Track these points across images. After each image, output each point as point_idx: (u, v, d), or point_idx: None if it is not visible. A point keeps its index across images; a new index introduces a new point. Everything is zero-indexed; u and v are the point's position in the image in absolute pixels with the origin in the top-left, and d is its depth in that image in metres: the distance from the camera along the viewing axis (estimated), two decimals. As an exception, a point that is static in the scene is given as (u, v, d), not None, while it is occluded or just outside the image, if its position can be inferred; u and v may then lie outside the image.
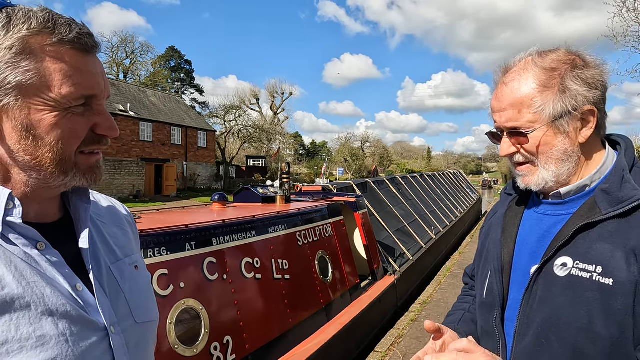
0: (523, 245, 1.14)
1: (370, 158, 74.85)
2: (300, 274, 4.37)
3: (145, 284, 0.99)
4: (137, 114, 31.16)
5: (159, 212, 4.66)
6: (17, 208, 0.77)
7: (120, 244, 0.97)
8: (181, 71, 62.54)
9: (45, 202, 0.85)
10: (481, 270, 1.26)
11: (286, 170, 5.94)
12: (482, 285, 1.23)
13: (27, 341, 0.71)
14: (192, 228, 3.25)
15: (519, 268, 1.13)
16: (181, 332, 2.84)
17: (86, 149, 0.83)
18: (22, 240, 0.77)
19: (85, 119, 0.81)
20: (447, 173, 19.70)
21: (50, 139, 0.77)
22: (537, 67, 1.06)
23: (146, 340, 0.94)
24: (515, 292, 1.12)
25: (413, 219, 10.02)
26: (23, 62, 0.74)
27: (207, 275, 3.19)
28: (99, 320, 0.81)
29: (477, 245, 1.40)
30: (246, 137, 47.22)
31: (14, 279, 0.73)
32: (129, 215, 1.09)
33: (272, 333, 3.67)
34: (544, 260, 1.04)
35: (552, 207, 1.12)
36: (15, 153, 0.77)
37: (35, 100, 0.75)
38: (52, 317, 0.74)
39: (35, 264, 0.76)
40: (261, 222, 4.05)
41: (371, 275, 6.12)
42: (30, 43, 0.75)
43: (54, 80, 0.76)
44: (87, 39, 0.80)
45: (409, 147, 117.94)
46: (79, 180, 0.83)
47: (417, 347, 5.08)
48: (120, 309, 0.87)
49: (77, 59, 0.78)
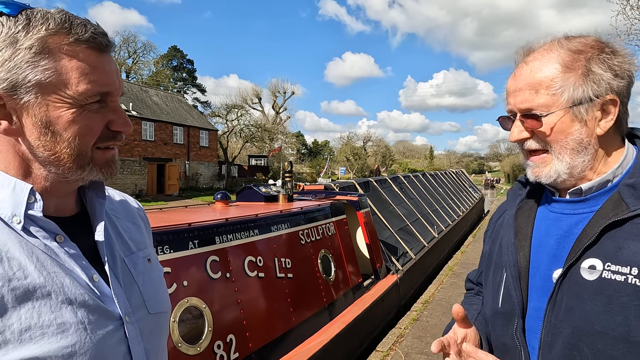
0: (540, 247, 1.05)
1: (373, 157, 74.78)
2: (303, 272, 4.37)
3: (157, 277, 1.03)
4: (140, 114, 31.20)
5: (162, 211, 4.66)
6: (38, 202, 0.81)
7: (133, 238, 1.01)
8: (183, 70, 62.62)
9: (63, 196, 0.89)
10: (492, 276, 1.16)
11: (289, 169, 5.94)
12: (495, 293, 1.12)
13: (49, 328, 0.74)
14: (195, 227, 3.25)
15: (537, 273, 1.03)
16: (184, 330, 2.84)
17: (102, 145, 0.86)
18: (43, 232, 0.81)
19: (101, 115, 0.84)
20: (450, 172, 19.67)
21: (68, 135, 0.81)
22: (563, 48, 0.99)
23: (159, 330, 0.98)
24: (536, 300, 1.02)
25: (415, 218, 10.01)
26: (42, 61, 0.77)
27: (210, 274, 3.20)
28: (115, 310, 0.85)
29: (483, 249, 1.28)
30: (248, 136, 47.23)
31: (35, 269, 0.76)
32: (141, 210, 1.13)
33: (275, 332, 3.67)
34: (568, 264, 0.94)
35: (570, 205, 1.03)
36: (35, 149, 0.81)
37: (54, 97, 0.79)
38: (71, 305, 0.78)
39: (54, 256, 0.80)
40: (264, 221, 4.05)
41: (374, 274, 6.12)
42: (49, 43, 0.78)
43: (71, 78, 0.79)
44: (102, 39, 0.83)
45: (411, 146, 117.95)
46: (95, 175, 0.86)
47: (418, 347, 5.08)
48: (134, 300, 0.91)
49: (93, 57, 0.82)
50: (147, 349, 0.90)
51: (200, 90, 64.26)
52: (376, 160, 72.24)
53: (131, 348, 0.86)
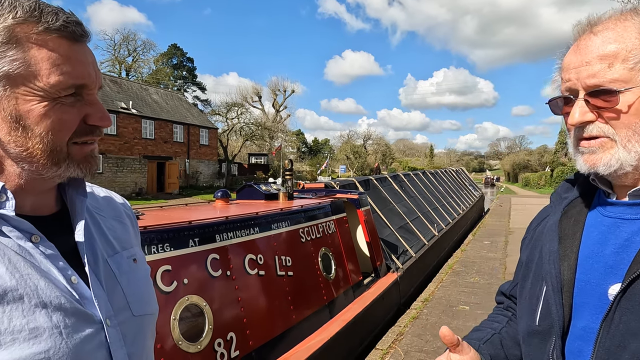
0: (592, 258, 0.90)
1: (373, 155, 74.80)
2: (304, 270, 4.37)
3: (143, 277, 0.99)
4: (140, 112, 31.18)
5: (162, 209, 4.66)
6: (10, 201, 0.77)
7: (118, 237, 0.97)
8: (183, 69, 62.56)
9: (40, 194, 0.85)
10: (529, 289, 1.02)
11: (289, 167, 5.93)
12: (532, 308, 0.98)
13: (20, 333, 0.70)
14: (195, 225, 3.25)
15: (587, 287, 0.89)
16: (185, 328, 2.84)
17: (79, 140, 0.82)
18: (16, 232, 0.76)
19: (76, 109, 0.80)
20: (450, 170, 19.67)
21: (40, 130, 0.76)
22: None
23: (144, 334, 0.93)
24: (586, 319, 0.87)
25: (415, 216, 10.02)
26: (9, 51, 0.73)
27: (211, 272, 3.20)
28: (95, 313, 0.81)
29: (519, 258, 1.14)
30: (248, 134, 47.22)
31: (7, 272, 0.72)
32: (128, 207, 1.08)
33: (275, 330, 3.68)
34: (630, 278, 0.80)
35: (631, 208, 0.88)
36: (6, 144, 0.76)
37: (23, 90, 0.74)
38: (46, 309, 0.74)
39: (29, 257, 0.76)
40: (264, 219, 4.05)
41: (374, 273, 6.13)
42: (16, 32, 0.73)
43: (42, 70, 0.74)
44: (75, 27, 0.78)
45: (411, 145, 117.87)
46: (73, 171, 0.82)
47: (418, 345, 5.08)
48: (117, 302, 0.87)
49: (65, 47, 0.77)
50: (130, 353, 0.86)
51: (200, 88, 64.24)
52: (376, 159, 72.25)
53: (112, 352, 0.82)
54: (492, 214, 19.54)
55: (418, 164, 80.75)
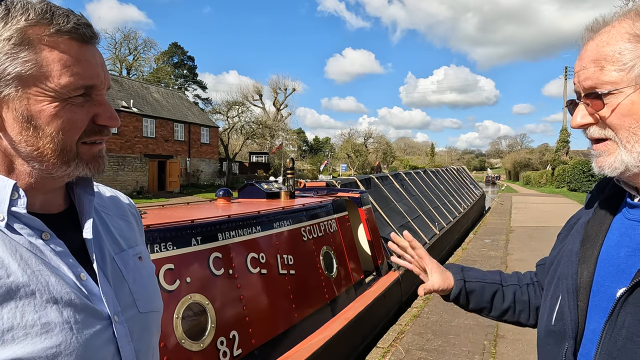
0: (608, 261, 0.89)
1: (374, 154, 74.81)
2: (305, 269, 4.38)
3: (149, 275, 1.01)
4: (140, 110, 31.21)
5: (164, 208, 4.67)
6: (22, 198, 0.78)
7: (124, 235, 0.99)
8: (184, 67, 62.59)
9: (50, 193, 0.86)
10: (551, 288, 1.01)
11: (290, 166, 5.93)
12: (550, 308, 0.98)
13: (32, 328, 0.72)
14: (197, 223, 3.26)
15: (601, 290, 0.88)
16: (188, 326, 2.85)
17: (88, 140, 0.83)
18: (27, 230, 0.78)
19: (85, 109, 0.81)
20: (451, 169, 19.66)
21: (50, 130, 0.78)
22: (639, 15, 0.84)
23: (150, 330, 0.95)
24: (596, 321, 0.87)
25: (417, 214, 10.02)
26: (22, 52, 0.74)
27: (213, 270, 3.20)
28: (103, 309, 0.82)
29: (551, 252, 1.12)
30: (249, 133, 47.21)
31: (19, 268, 0.74)
32: (133, 207, 1.10)
33: (277, 328, 3.69)
34: (635, 282, 0.79)
35: None
36: (17, 144, 0.78)
37: (35, 90, 0.76)
38: (57, 304, 0.75)
39: (40, 253, 0.78)
40: (266, 218, 4.06)
41: (375, 271, 6.13)
42: (29, 34, 0.75)
43: (53, 71, 0.76)
44: (85, 29, 0.80)
45: (412, 143, 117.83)
46: (82, 170, 0.84)
47: (419, 343, 5.09)
48: (124, 299, 0.89)
49: (76, 49, 0.79)
50: (137, 349, 0.88)
51: (201, 87, 64.25)
52: (377, 157, 72.23)
53: (120, 348, 0.84)
54: (493, 212, 19.53)
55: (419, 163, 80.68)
